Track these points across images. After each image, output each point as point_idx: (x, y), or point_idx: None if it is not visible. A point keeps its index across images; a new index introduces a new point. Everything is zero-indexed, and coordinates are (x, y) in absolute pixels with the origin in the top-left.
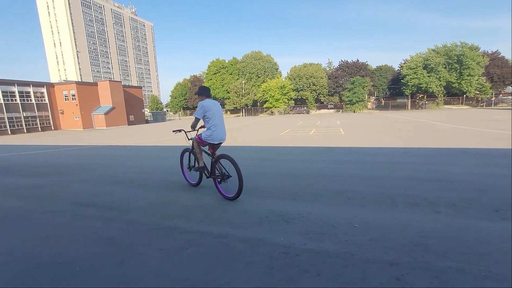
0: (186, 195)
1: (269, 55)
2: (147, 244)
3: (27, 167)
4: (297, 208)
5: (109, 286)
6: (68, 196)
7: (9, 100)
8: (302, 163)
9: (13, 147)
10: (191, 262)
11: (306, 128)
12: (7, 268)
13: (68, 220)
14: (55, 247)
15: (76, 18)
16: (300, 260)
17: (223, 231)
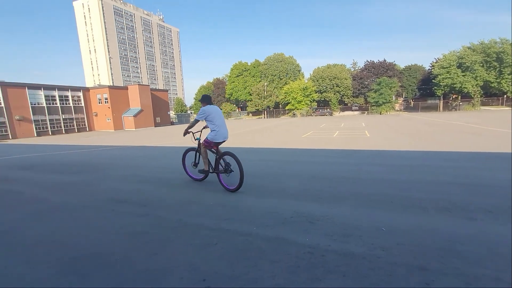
0: (210, 194)
1: (292, 57)
2: (177, 239)
3: (67, 165)
4: (321, 209)
5: (145, 276)
6: (103, 192)
7: (50, 103)
8: (325, 165)
9: (55, 146)
10: (219, 257)
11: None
12: (57, 256)
13: (105, 215)
14: (96, 238)
15: (109, 26)
16: (325, 260)
17: (247, 230)
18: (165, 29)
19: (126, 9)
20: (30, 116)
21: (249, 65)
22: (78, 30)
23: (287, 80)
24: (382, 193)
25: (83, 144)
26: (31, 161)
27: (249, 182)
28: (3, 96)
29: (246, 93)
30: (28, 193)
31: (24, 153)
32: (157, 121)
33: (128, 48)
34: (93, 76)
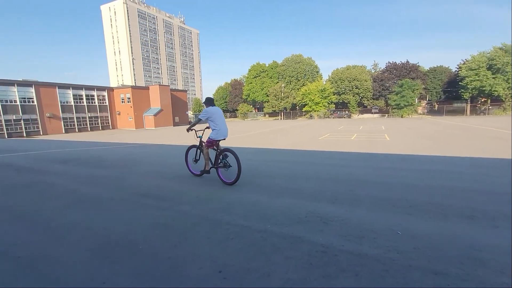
0: (228, 192)
1: (310, 58)
2: (197, 232)
3: (95, 161)
4: (336, 211)
5: (168, 264)
6: (128, 186)
7: (78, 102)
8: (342, 168)
9: (82, 143)
10: (236, 251)
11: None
12: (89, 241)
13: (130, 207)
14: (121, 227)
15: (133, 29)
16: (338, 259)
17: (263, 227)
18: (185, 31)
19: (149, 12)
20: (59, 113)
21: (267, 66)
22: (105, 33)
23: (304, 82)
24: (400, 198)
25: (108, 141)
26: (63, 155)
27: (266, 182)
28: (36, 95)
29: (263, 94)
30: (62, 184)
31: (55, 148)
32: (175, 121)
33: (150, 49)
34: (117, 76)
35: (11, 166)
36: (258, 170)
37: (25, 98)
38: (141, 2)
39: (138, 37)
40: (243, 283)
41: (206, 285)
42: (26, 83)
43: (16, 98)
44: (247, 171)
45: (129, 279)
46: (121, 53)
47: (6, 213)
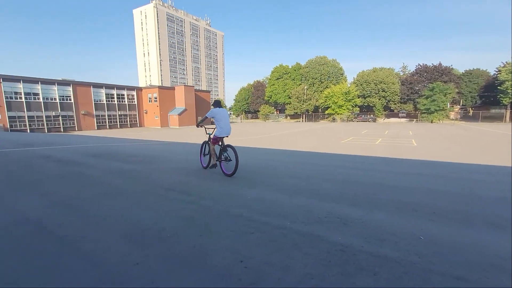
0: (248, 190)
1: (335, 60)
2: (219, 225)
3: (125, 156)
4: (356, 213)
5: (194, 252)
6: (154, 180)
7: (109, 100)
8: (364, 171)
9: (113, 139)
10: (256, 245)
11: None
12: (122, 228)
13: (156, 199)
14: (150, 217)
15: (162, 31)
16: (357, 259)
17: (282, 224)
18: (211, 33)
19: (177, 15)
20: (93, 111)
21: (290, 68)
22: (135, 35)
23: (328, 84)
24: (423, 203)
25: (136, 138)
26: (96, 150)
27: (286, 182)
28: (73, 93)
29: (285, 96)
30: (96, 176)
31: (89, 143)
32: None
33: (177, 51)
34: (145, 77)
35: (50, 158)
36: (278, 170)
37: (64, 96)
38: (170, 6)
39: (166, 39)
40: (263, 274)
41: (229, 273)
42: (65, 82)
43: (56, 96)
44: (267, 170)
45: (159, 262)
46: (150, 55)
47: (47, 199)
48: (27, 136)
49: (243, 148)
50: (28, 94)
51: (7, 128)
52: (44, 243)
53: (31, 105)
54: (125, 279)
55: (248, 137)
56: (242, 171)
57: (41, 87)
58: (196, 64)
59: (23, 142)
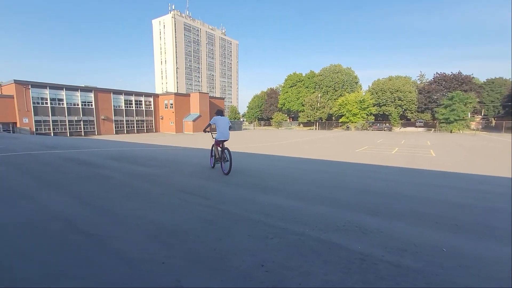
0: (265, 196)
1: (350, 68)
2: (238, 229)
3: (144, 159)
4: (375, 223)
5: (215, 254)
6: (173, 184)
7: (128, 106)
8: (381, 181)
9: (131, 144)
10: (275, 249)
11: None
12: (145, 228)
13: (177, 202)
14: (172, 219)
15: (179, 40)
16: (377, 268)
17: (300, 230)
18: (225, 41)
19: (194, 25)
20: (112, 116)
21: (304, 76)
22: (154, 44)
23: (342, 92)
24: (444, 215)
25: (153, 143)
26: (116, 154)
27: (302, 190)
28: (94, 99)
29: (298, 104)
30: (119, 178)
31: (109, 147)
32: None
33: (192, 59)
34: (161, 84)
35: (76, 160)
36: (294, 178)
37: (86, 102)
38: (187, 16)
39: (182, 47)
40: (285, 278)
41: (250, 276)
42: (87, 88)
43: (79, 102)
44: (283, 177)
45: (183, 262)
46: (167, 63)
47: (76, 198)
48: (52, 140)
49: (258, 155)
50: (53, 99)
51: (33, 131)
52: (77, 240)
53: (56, 110)
54: (153, 276)
55: (262, 144)
56: (258, 178)
57: (65, 93)
58: (211, 72)
59: (49, 145)
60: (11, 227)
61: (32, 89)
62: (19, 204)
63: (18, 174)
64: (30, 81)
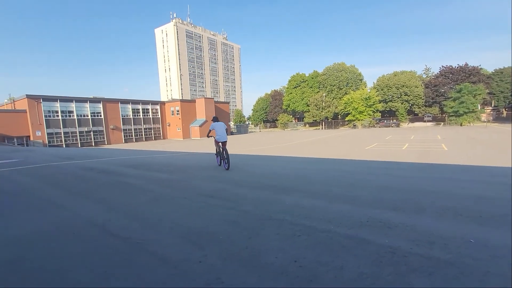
0: (284, 196)
1: (353, 66)
2: (265, 229)
3: (159, 166)
4: (399, 218)
5: (247, 252)
6: (193, 188)
7: (135, 115)
8: (398, 178)
9: (142, 151)
10: (305, 246)
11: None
12: (176, 230)
13: (200, 205)
14: (199, 222)
15: (182, 48)
16: (408, 260)
17: (326, 228)
18: (227, 46)
19: (195, 31)
20: (121, 125)
21: (307, 76)
22: (157, 52)
23: (347, 90)
24: (467, 208)
25: (163, 150)
26: (131, 161)
27: (321, 189)
28: (103, 110)
29: (303, 104)
30: (139, 184)
31: (122, 156)
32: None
33: (195, 65)
34: (166, 91)
35: (94, 169)
36: (309, 178)
37: (95, 112)
38: (189, 23)
39: (185, 54)
40: (319, 272)
41: (286, 271)
42: (96, 99)
43: (88, 113)
44: (298, 178)
45: (219, 261)
46: (171, 70)
47: (103, 205)
48: (65, 151)
49: (269, 157)
50: (64, 112)
51: (46, 143)
52: (115, 244)
53: (67, 122)
54: (194, 275)
55: (270, 146)
56: (274, 179)
57: (75, 105)
58: (214, 77)
59: (64, 156)
60: (52, 233)
61: (44, 102)
62: (53, 212)
63: (44, 185)
64: (42, 95)
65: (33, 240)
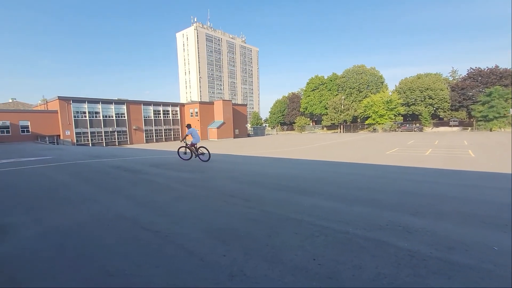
0: (303, 198)
1: (374, 68)
2: (284, 228)
3: (177, 165)
4: (419, 222)
5: (267, 249)
6: (214, 188)
7: (156, 116)
8: (419, 183)
9: (163, 151)
10: (323, 246)
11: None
12: (200, 226)
13: (221, 204)
14: (220, 219)
15: (201, 51)
16: (428, 264)
17: (344, 229)
18: (246, 49)
19: (215, 35)
20: (143, 126)
21: (326, 78)
22: (178, 55)
23: (367, 93)
24: (490, 215)
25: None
26: (154, 161)
27: (339, 192)
28: (127, 111)
29: (321, 107)
30: (163, 183)
31: (144, 155)
32: (236, 133)
33: (214, 68)
34: (186, 94)
35: (121, 168)
36: (329, 181)
37: (119, 113)
38: (209, 27)
39: (205, 57)
40: (337, 270)
41: (305, 268)
42: (120, 101)
43: (113, 114)
44: (318, 180)
45: (241, 255)
46: (190, 73)
47: (132, 201)
48: (92, 150)
49: (287, 160)
50: (91, 112)
51: (74, 142)
52: (147, 236)
53: (93, 122)
54: (220, 267)
55: (288, 149)
56: (293, 181)
57: (101, 106)
58: (232, 79)
59: (92, 155)
60: (88, 225)
61: (73, 104)
62: (87, 206)
63: (77, 180)
64: (71, 97)
65: (72, 231)
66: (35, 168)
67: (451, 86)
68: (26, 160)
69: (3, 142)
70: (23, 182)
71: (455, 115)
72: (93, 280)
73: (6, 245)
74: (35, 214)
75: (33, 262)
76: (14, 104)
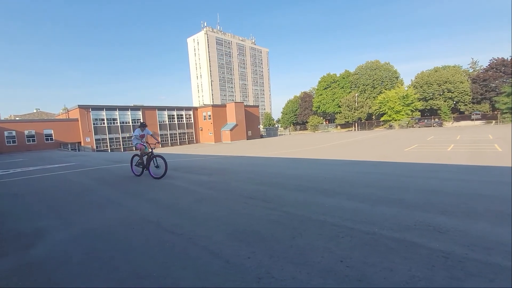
0: (324, 198)
1: (388, 63)
2: (307, 229)
3: (196, 168)
4: (450, 222)
5: (292, 251)
6: (233, 190)
7: (171, 121)
8: (446, 180)
9: (179, 155)
10: (350, 247)
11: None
12: (223, 228)
13: (242, 206)
14: (242, 221)
15: (212, 55)
16: (464, 265)
17: (370, 230)
18: (256, 50)
19: (225, 38)
20: (158, 131)
21: (338, 76)
22: (189, 60)
23: (381, 89)
24: None
25: (197, 154)
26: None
27: (362, 192)
28: (142, 116)
29: (334, 105)
30: (183, 186)
31: None
32: (248, 134)
33: (225, 71)
34: (198, 97)
35: None
36: (349, 180)
37: (135, 119)
38: (218, 31)
39: (216, 61)
40: (367, 273)
41: (333, 270)
42: (136, 107)
43: (130, 120)
44: (337, 180)
45: (266, 258)
46: (202, 77)
47: (155, 204)
48: (112, 155)
49: (304, 160)
50: (109, 119)
51: (94, 149)
52: (171, 238)
53: (111, 129)
54: (246, 269)
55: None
56: (313, 181)
57: (118, 113)
58: (243, 81)
59: (113, 160)
60: (115, 228)
61: (92, 111)
62: (113, 209)
63: (102, 185)
64: (91, 105)
65: (101, 234)
66: (62, 174)
67: (471, 78)
68: (53, 166)
69: (31, 150)
70: (52, 187)
71: (477, 108)
72: (126, 283)
73: (42, 248)
74: (66, 218)
75: (67, 265)
76: (38, 114)
